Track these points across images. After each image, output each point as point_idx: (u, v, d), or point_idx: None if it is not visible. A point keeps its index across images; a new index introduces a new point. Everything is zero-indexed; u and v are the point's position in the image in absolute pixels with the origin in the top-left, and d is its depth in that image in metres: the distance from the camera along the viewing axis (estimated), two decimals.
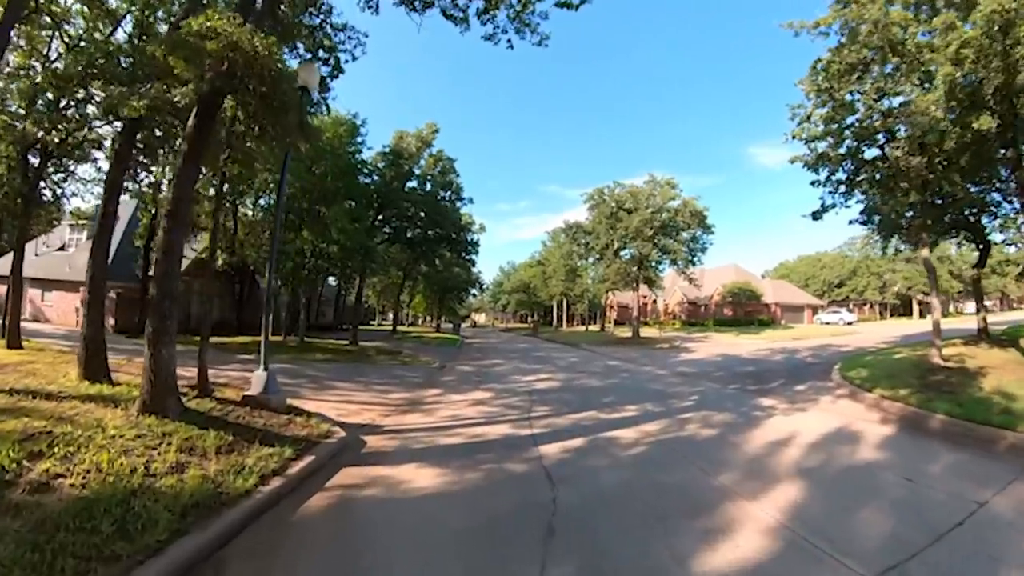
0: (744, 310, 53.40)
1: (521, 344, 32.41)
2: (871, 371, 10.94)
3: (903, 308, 75.24)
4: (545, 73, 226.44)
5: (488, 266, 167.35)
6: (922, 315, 70.87)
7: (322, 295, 44.56)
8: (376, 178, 22.33)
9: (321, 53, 11.04)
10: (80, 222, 25.72)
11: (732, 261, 72.64)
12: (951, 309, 75.42)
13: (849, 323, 51.52)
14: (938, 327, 12.58)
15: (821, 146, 15.18)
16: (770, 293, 58.92)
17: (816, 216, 15.58)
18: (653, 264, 32.22)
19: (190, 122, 6.26)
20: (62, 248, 28.81)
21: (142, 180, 15.88)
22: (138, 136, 9.28)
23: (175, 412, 5.83)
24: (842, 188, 15.54)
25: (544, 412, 8.07)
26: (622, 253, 32.54)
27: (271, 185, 19.06)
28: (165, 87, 6.44)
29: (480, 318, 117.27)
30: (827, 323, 52.78)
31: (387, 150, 22.35)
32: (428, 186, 23.22)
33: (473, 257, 28.83)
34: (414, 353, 19.56)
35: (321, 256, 18.69)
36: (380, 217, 23.06)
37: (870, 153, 15.02)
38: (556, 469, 5.04)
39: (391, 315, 77.28)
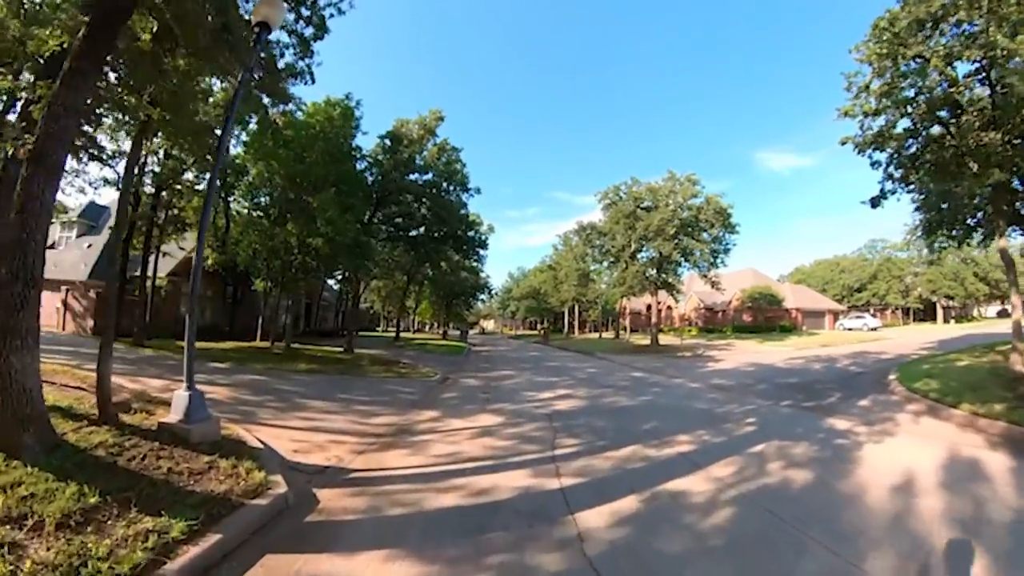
0: (764, 316, 50.94)
1: (532, 352, 30.40)
2: (942, 382, 9.74)
3: (924, 313, 72.41)
4: (555, 80, 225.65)
5: (497, 272, 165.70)
6: (946, 320, 68.15)
7: (323, 299, 42.96)
8: (374, 170, 20.53)
9: (303, 11, 9.35)
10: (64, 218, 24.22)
11: (748, 265, 70.14)
12: (974, 313, 72.55)
13: (873, 329, 48.92)
14: (1020, 329, 10.56)
15: (878, 123, 13.21)
16: (790, 298, 56.40)
17: (875, 203, 13.54)
18: (673, 266, 30.13)
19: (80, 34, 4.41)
20: (51, 246, 27.36)
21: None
22: None
23: (35, 450, 3.96)
24: (900, 172, 13.57)
25: (573, 447, 6.08)
26: (640, 255, 30.52)
27: (268, 180, 17.41)
28: None
29: (489, 325, 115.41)
30: (849, 329, 50.24)
31: (386, 135, 20.46)
32: (430, 175, 21.30)
33: (481, 254, 26.74)
34: (413, 363, 17.64)
35: (308, 252, 16.87)
36: (379, 214, 21.24)
37: (933, 131, 13.09)
38: (609, 566, 3.07)
39: (397, 321, 76.10)
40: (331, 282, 42.82)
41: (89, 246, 26.90)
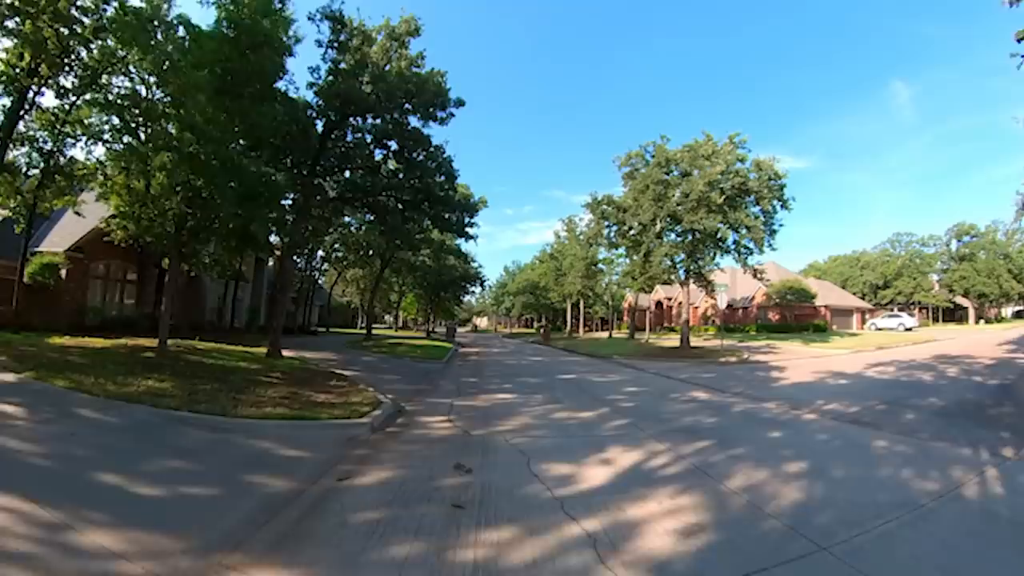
0: (794, 314, 45.01)
1: (533, 356, 24.14)
2: None
3: (951, 313, 67.28)
4: (551, 76, 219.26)
5: (492, 270, 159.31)
6: (977, 320, 62.96)
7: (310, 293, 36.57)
8: (313, 92, 14.01)
9: None
10: None
11: (767, 258, 64.07)
12: (1000, 313, 67.39)
13: (908, 329, 43.40)
14: None
15: None
16: (819, 295, 50.57)
17: None
18: (711, 250, 23.98)
19: None
20: None
21: None
22: None
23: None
24: None
25: None
26: (668, 234, 24.32)
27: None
28: None
29: (482, 322, 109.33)
30: (881, 329, 44.75)
31: (322, 16, 13.63)
32: (394, 113, 14.56)
33: (470, 232, 20.18)
34: (360, 377, 11.34)
35: (189, 194, 10.47)
36: (326, 160, 14.76)
37: None
38: None
39: (387, 317, 69.09)
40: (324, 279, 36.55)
41: None
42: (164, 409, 6.96)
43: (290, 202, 15.16)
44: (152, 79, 10.93)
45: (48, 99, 16.32)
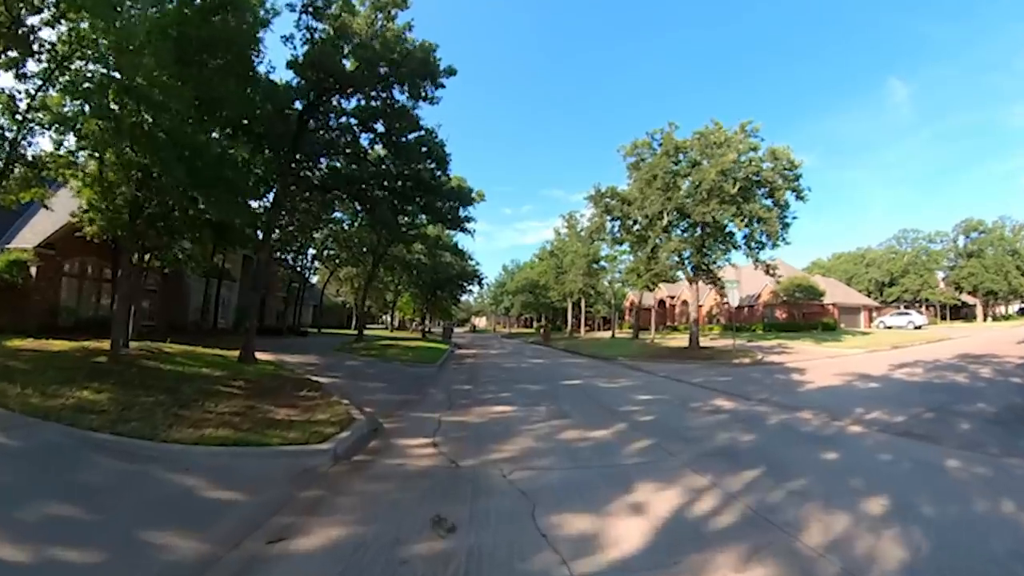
0: (802, 312, 43.71)
1: (533, 358, 22.81)
2: None
3: (956, 310, 66.10)
4: (549, 76, 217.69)
5: (490, 270, 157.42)
6: (984, 317, 61.76)
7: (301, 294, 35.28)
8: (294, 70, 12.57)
9: None
10: None
11: (774, 255, 62.74)
12: (1007, 310, 66.19)
13: (918, 327, 42.25)
14: None
15: None
16: (827, 292, 49.27)
17: None
18: (719, 244, 22.66)
19: None
20: None
21: None
22: None
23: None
24: None
25: None
26: (675, 228, 23.00)
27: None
28: None
29: (481, 322, 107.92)
30: (890, 327, 43.61)
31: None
32: (379, 94, 13.07)
33: (467, 226, 18.77)
34: (344, 382, 10.05)
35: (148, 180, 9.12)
36: (307, 145, 13.31)
37: None
38: None
39: (385, 317, 67.45)
40: (315, 278, 35.12)
41: None
42: (83, 429, 5.68)
43: (270, 191, 13.74)
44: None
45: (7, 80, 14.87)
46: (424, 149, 14.01)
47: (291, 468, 4.92)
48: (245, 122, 11.15)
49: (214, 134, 10.41)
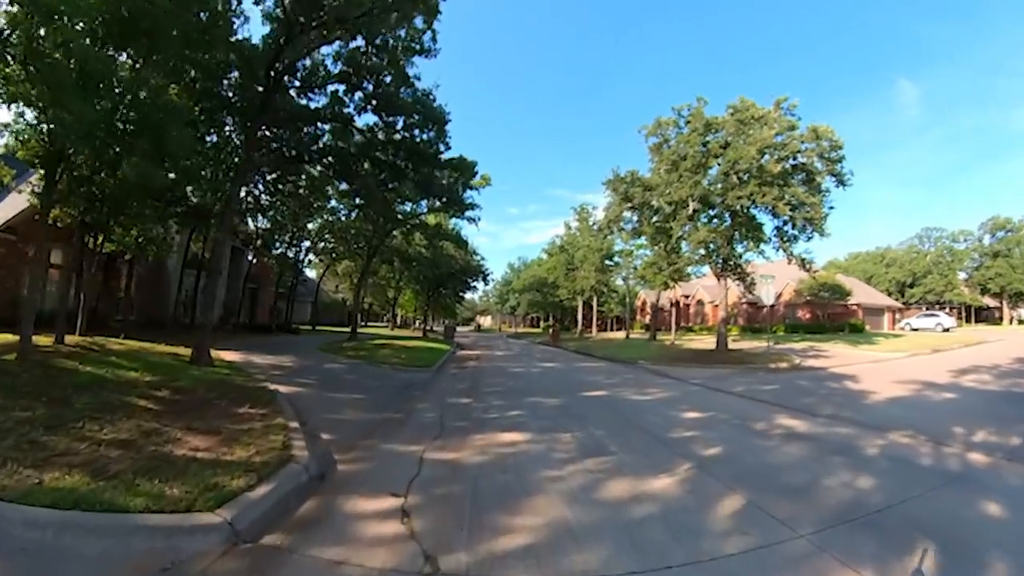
0: (827, 312, 41.21)
1: (544, 361, 20.51)
2: None
3: (979, 312, 63.25)
4: (555, 73, 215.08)
5: (495, 269, 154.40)
6: (1010, 319, 58.98)
7: (295, 292, 33.21)
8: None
9: None
10: None
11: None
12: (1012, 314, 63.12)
13: (947, 329, 39.81)
14: None
15: None
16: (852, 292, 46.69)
17: None
18: (751, 234, 20.28)
19: None
20: None
21: None
22: None
23: None
24: None
25: None
26: (701, 217, 20.64)
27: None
28: None
29: (485, 321, 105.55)
30: (917, 329, 41.20)
31: None
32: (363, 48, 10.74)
33: (471, 211, 16.47)
34: (309, 392, 7.86)
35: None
36: (282, 106, 11.12)
37: None
38: None
39: (388, 316, 65.10)
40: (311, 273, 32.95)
41: None
42: None
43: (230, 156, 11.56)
44: None
45: None
46: (419, 111, 11.73)
47: (145, 563, 2.69)
48: (187, 52, 8.73)
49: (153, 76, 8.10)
